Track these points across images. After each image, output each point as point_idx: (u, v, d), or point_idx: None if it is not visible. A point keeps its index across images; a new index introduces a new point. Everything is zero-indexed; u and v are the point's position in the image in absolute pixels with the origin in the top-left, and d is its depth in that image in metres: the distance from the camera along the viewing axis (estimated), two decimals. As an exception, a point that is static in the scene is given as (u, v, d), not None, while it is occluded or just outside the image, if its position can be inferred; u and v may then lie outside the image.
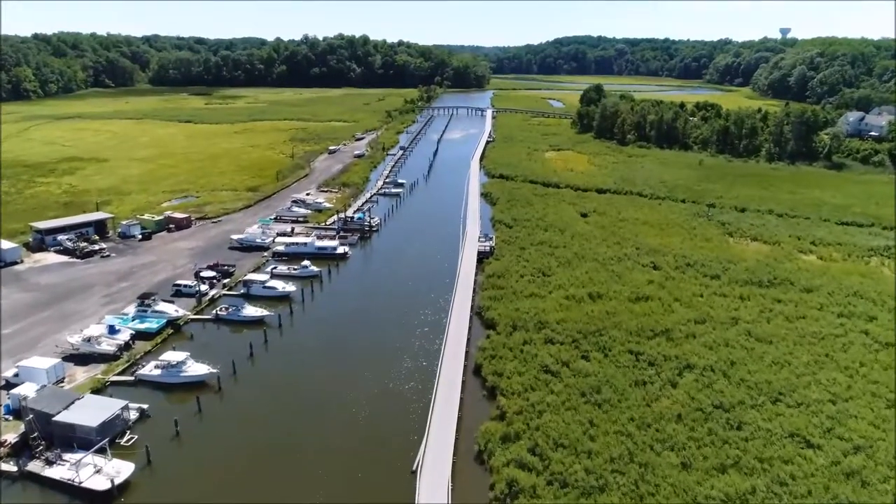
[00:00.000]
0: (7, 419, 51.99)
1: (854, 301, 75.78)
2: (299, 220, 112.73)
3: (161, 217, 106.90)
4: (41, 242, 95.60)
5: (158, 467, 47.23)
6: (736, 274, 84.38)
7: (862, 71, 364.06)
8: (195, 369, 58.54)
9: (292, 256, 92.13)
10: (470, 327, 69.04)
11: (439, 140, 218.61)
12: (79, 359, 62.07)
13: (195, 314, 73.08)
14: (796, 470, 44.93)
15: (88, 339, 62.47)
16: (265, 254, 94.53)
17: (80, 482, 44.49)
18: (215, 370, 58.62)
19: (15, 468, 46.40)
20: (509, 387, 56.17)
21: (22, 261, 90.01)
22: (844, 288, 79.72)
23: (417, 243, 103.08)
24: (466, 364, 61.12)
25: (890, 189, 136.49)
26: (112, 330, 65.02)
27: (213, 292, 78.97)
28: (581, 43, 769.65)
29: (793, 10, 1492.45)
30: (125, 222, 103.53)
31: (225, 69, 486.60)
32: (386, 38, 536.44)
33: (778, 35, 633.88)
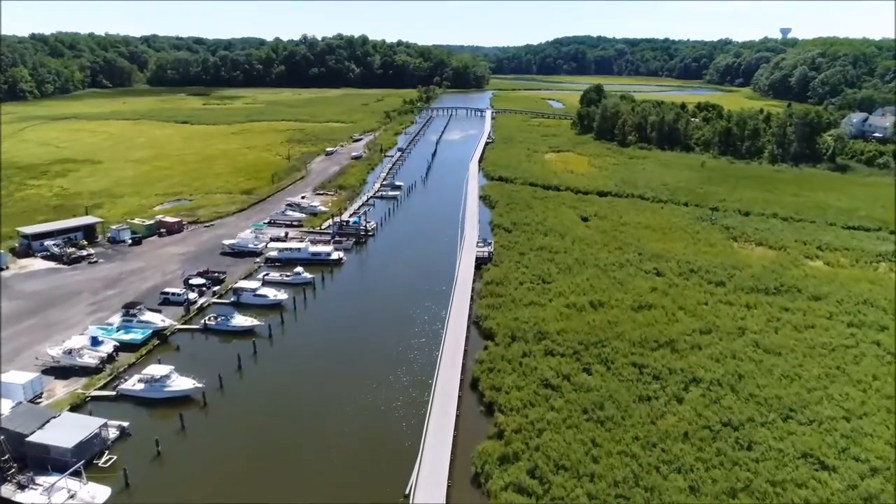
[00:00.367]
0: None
1: (864, 310, 73.31)
2: (294, 225, 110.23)
3: (152, 221, 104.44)
4: (28, 248, 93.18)
5: (137, 491, 44.74)
6: (741, 281, 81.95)
7: (864, 71, 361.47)
8: (179, 384, 56.10)
9: (285, 262, 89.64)
10: (467, 337, 66.59)
11: (438, 141, 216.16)
12: (59, 372, 59.61)
13: (183, 324, 70.58)
14: (811, 495, 42.52)
15: (70, 352, 59.98)
16: (257, 259, 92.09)
17: (53, 508, 42.10)
18: (200, 385, 56.16)
19: (-15, 492, 44.04)
20: (508, 402, 53.71)
21: (7, 267, 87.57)
22: (854, 296, 77.27)
23: (414, 248, 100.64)
24: (463, 377, 58.62)
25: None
26: (95, 341, 62.52)
27: (203, 300, 76.51)
28: (581, 43, 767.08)
29: (793, 11, 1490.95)
30: (115, 227, 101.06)
31: (223, 69, 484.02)
32: (385, 39, 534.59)
33: (778, 35, 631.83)
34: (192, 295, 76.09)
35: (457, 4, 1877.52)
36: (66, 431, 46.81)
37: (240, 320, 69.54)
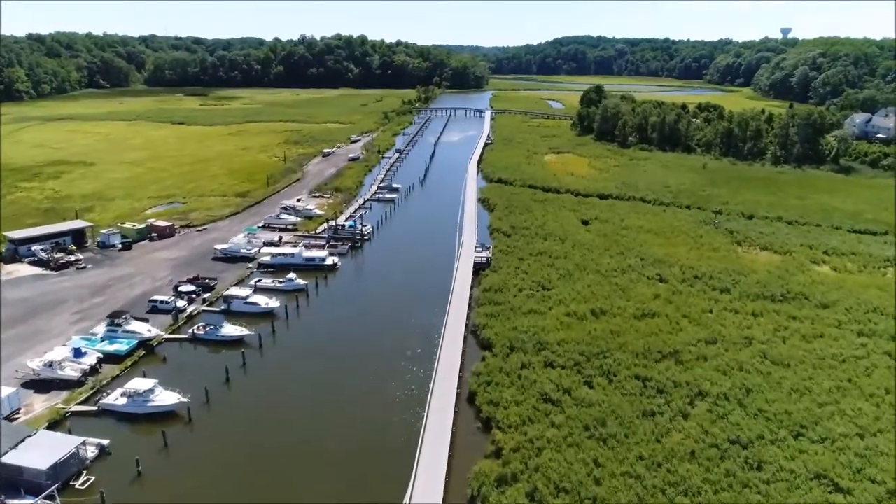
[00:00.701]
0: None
1: (874, 318, 71.07)
2: (288, 228, 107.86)
3: (143, 225, 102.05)
4: (15, 253, 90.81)
5: (115, 515, 42.52)
6: (747, 287, 79.69)
7: (865, 71, 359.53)
8: (164, 398, 53.79)
9: (278, 268, 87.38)
10: (464, 348, 64.32)
11: (436, 142, 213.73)
12: (39, 385, 57.27)
13: (170, 333, 68.27)
14: (826, 520, 40.32)
15: (50, 364, 57.58)
16: (250, 265, 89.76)
17: (25, 535, 39.86)
18: (185, 399, 53.83)
19: (-45, 517, 41.78)
20: (506, 418, 51.43)
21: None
22: (863, 303, 75.01)
23: (411, 253, 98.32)
24: (459, 391, 56.31)
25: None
26: (77, 353, 60.20)
27: (192, 308, 74.20)
28: (581, 43, 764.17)
29: (793, 10, 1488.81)
30: (105, 231, 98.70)
31: (221, 69, 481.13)
32: (384, 39, 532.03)
33: (779, 35, 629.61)
34: (181, 303, 73.77)
35: (457, 4, 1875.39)
36: (42, 451, 44.56)
37: (229, 330, 67.20)
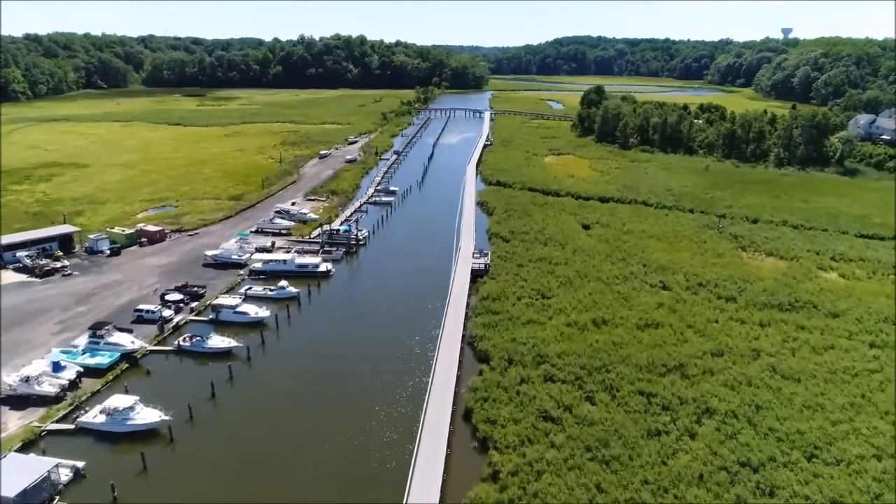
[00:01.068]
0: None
1: (886, 329, 68.56)
2: (281, 233, 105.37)
3: (132, 230, 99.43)
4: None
5: (86, 546, 40.02)
6: (753, 295, 77.16)
7: (867, 72, 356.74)
8: (144, 416, 51.23)
9: (270, 275, 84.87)
10: (461, 361, 61.70)
11: (435, 144, 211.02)
12: (15, 402, 54.73)
13: (155, 345, 65.73)
14: (844, 553, 37.78)
15: (27, 379, 55.08)
16: (241, 272, 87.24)
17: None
18: (167, 417, 51.28)
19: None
20: (503, 438, 48.90)
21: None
22: (873, 313, 72.48)
23: (407, 258, 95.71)
24: (455, 408, 53.77)
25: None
26: (56, 367, 57.65)
27: (179, 318, 71.62)
28: (581, 43, 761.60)
29: (793, 10, 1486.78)
30: (93, 236, 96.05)
31: (220, 70, 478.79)
32: (383, 39, 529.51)
33: (780, 35, 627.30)
34: (168, 312, 71.14)
35: (456, 4, 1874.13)
36: (11, 477, 42.05)
37: (216, 341, 64.62)
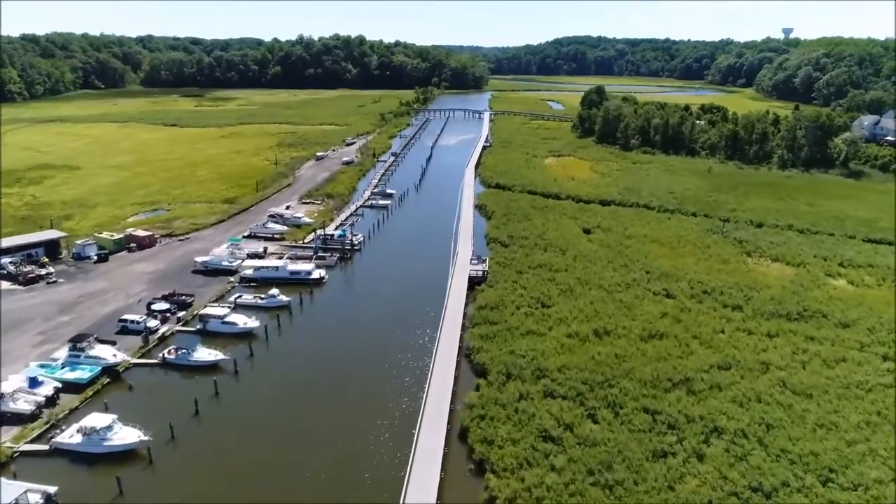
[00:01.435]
0: None
1: (899, 340, 65.99)
2: (275, 238, 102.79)
3: (121, 236, 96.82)
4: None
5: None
6: (760, 304, 74.58)
7: (870, 72, 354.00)
8: (122, 436, 48.65)
9: (261, 282, 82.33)
10: (457, 375, 59.18)
11: (433, 145, 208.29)
12: (-11, 420, 52.28)
13: (139, 357, 63.13)
14: (866, 591, 35.19)
15: (1, 396, 52.54)
16: (232, 279, 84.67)
17: None
18: (147, 437, 48.67)
19: None
20: (501, 460, 46.33)
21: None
22: (885, 322, 69.90)
23: (404, 264, 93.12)
24: (450, 426, 51.17)
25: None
26: (33, 382, 55.11)
27: (165, 329, 69.05)
28: (581, 43, 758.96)
29: (793, 10, 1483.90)
30: (80, 242, 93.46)
31: (218, 70, 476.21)
32: (383, 39, 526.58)
33: (780, 35, 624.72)
34: (153, 323, 68.60)
35: (456, 4, 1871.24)
36: (-24, 504, 39.52)
37: (202, 354, 62.04)
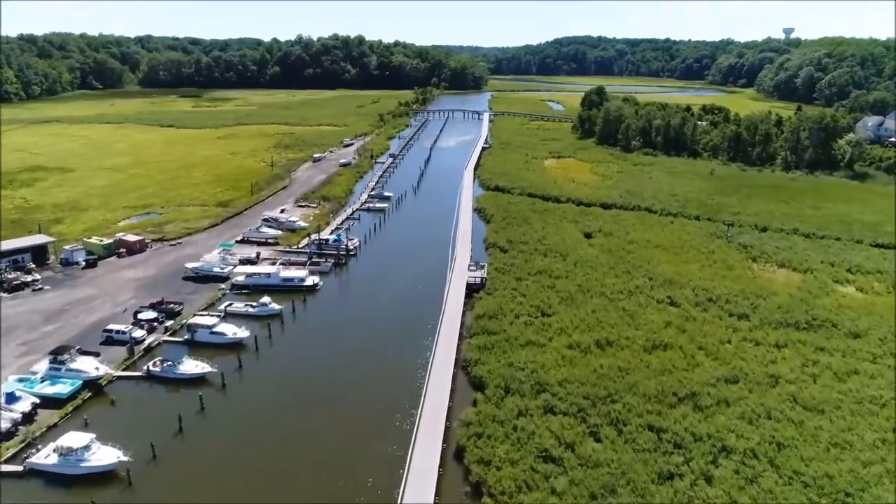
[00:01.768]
0: None
1: (913, 351, 63.64)
2: (269, 242, 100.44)
3: (110, 241, 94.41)
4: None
5: None
6: (767, 313, 72.20)
7: (872, 72, 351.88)
8: (100, 456, 46.29)
9: (253, 290, 79.95)
10: (453, 388, 56.82)
11: (432, 147, 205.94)
12: (-38, 438, 49.91)
13: (123, 370, 60.72)
14: None
15: (-25, 413, 50.31)
16: (223, 286, 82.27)
17: None
18: (126, 458, 46.27)
19: None
20: (498, 482, 43.95)
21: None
22: (898, 332, 67.58)
23: (400, 271, 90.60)
24: (446, 445, 48.82)
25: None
26: (11, 398, 52.79)
27: (152, 339, 66.64)
28: (581, 43, 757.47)
29: (794, 10, 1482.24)
30: (68, 247, 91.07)
31: (217, 70, 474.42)
32: (382, 39, 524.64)
33: (781, 35, 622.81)
34: (139, 333, 66.20)
35: (456, 4, 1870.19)
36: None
37: (189, 366, 59.65)
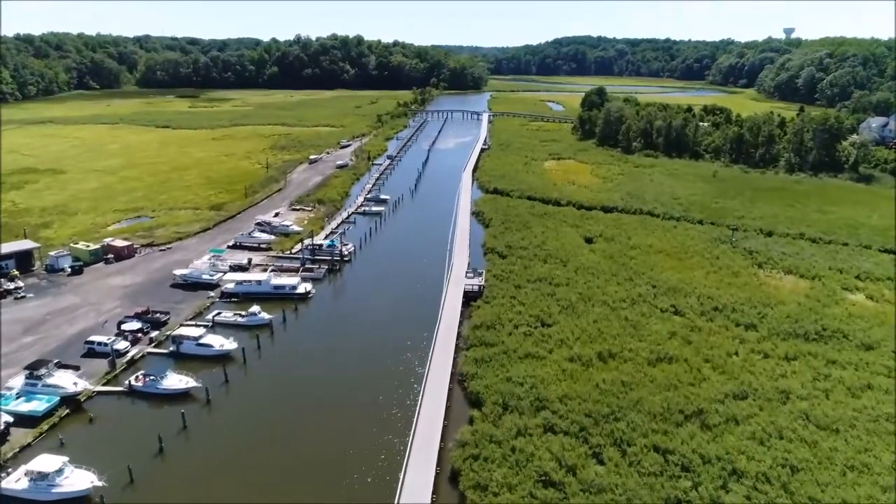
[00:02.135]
0: None
1: (928, 364, 61.03)
2: (261, 247, 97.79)
3: (97, 246, 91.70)
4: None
5: None
6: (775, 322, 69.61)
7: (874, 72, 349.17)
8: (73, 481, 43.66)
9: (244, 298, 77.33)
10: (449, 405, 54.18)
11: (430, 148, 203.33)
12: (-71, 460, 47.29)
13: (104, 385, 58.08)
14: None
15: (-56, 433, 47.70)
16: (212, 293, 79.63)
17: None
18: (101, 482, 43.64)
19: None
20: (496, 510, 41.42)
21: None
22: (912, 344, 64.98)
23: (395, 277, 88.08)
24: (440, 468, 46.18)
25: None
26: (-18, 416, 50.24)
27: (135, 351, 64.00)
28: (581, 43, 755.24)
29: (794, 10, 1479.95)
30: (53, 253, 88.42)
31: (214, 70, 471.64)
32: (381, 39, 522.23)
33: (782, 35, 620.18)
34: (122, 344, 63.52)
35: (455, 4, 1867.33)
36: None
37: (173, 381, 57.00)
